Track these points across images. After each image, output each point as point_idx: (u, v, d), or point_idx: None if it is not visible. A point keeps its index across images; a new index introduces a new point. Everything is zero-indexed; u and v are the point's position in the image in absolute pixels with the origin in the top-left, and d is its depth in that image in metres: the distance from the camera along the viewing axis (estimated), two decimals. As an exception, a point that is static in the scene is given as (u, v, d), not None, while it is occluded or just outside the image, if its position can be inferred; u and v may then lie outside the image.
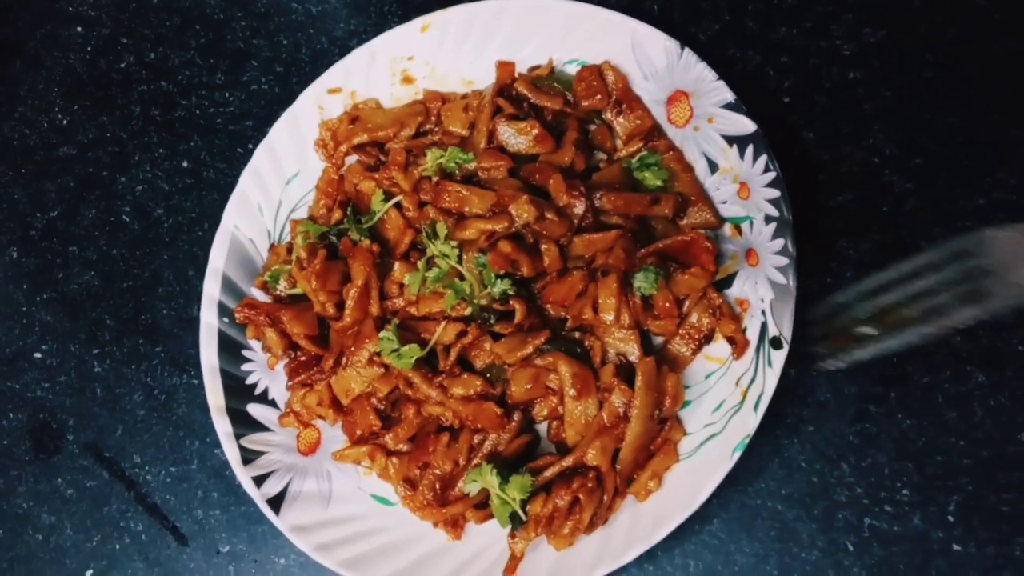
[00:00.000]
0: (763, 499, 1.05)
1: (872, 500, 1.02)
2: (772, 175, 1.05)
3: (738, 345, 1.03)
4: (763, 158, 1.05)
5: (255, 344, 1.21)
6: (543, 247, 1.07)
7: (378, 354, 1.10)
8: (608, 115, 1.16)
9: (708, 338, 1.07)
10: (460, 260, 1.08)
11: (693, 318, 1.07)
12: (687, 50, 1.11)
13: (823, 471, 1.04)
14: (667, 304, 1.05)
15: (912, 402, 1.03)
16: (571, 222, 1.07)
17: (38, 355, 1.36)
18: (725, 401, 1.03)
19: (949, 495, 1.00)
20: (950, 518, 1.00)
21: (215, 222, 1.23)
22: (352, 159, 1.25)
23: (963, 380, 1.02)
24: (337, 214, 1.20)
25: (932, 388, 1.03)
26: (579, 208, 1.06)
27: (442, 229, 1.08)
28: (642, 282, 1.05)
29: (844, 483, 1.03)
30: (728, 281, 1.08)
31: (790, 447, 1.05)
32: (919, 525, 1.00)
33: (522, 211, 1.05)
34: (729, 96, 1.08)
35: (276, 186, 1.25)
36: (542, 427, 1.12)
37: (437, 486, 1.08)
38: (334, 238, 1.18)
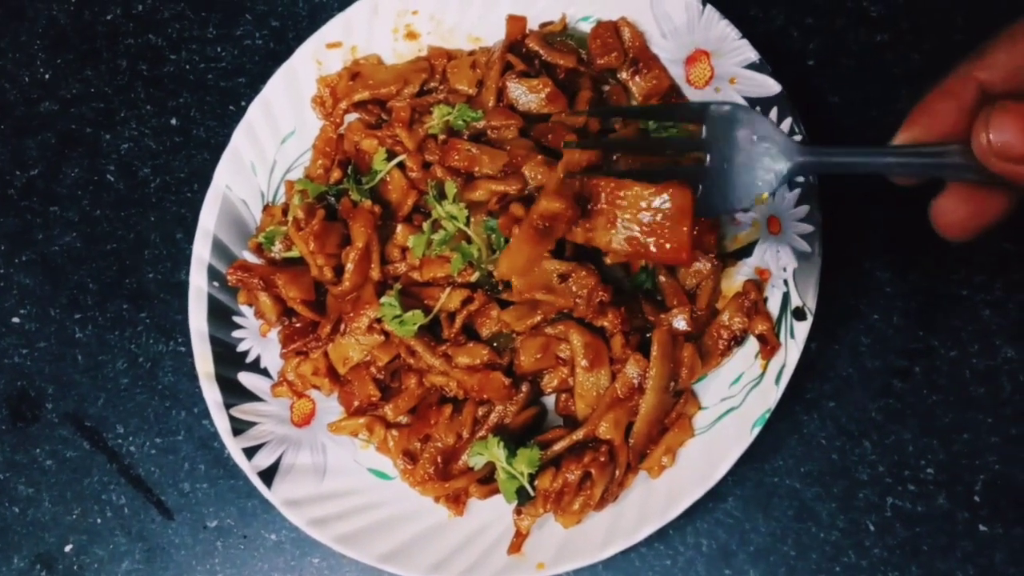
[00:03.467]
0: (780, 477, 1.01)
1: (895, 479, 0.98)
2: (797, 139, 1.00)
3: (768, 346, 0.98)
4: (788, 120, 1.01)
5: (247, 310, 1.15)
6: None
7: (378, 321, 1.04)
8: (624, 74, 1.10)
9: (740, 339, 1.01)
10: (468, 223, 1.02)
11: (724, 316, 1.01)
12: (709, 7, 1.06)
13: (844, 448, 1.00)
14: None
15: (938, 377, 0.99)
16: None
17: (16, 320, 1.29)
18: (744, 374, 0.99)
19: (975, 474, 0.96)
20: (976, 498, 0.96)
21: (205, 183, 1.16)
22: (352, 117, 1.19)
23: (991, 354, 0.99)
24: (336, 174, 1.14)
25: (959, 363, 0.99)
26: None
27: (451, 188, 1.02)
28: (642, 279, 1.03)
29: (866, 461, 0.99)
30: (748, 250, 1.04)
31: (810, 423, 1.01)
32: (944, 504, 0.96)
33: (536, 172, 0.99)
34: (753, 55, 1.03)
35: (271, 144, 1.19)
36: (549, 400, 1.07)
37: (438, 460, 1.03)
38: (333, 199, 1.12)
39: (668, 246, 0.87)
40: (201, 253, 1.14)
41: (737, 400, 0.98)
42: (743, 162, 0.81)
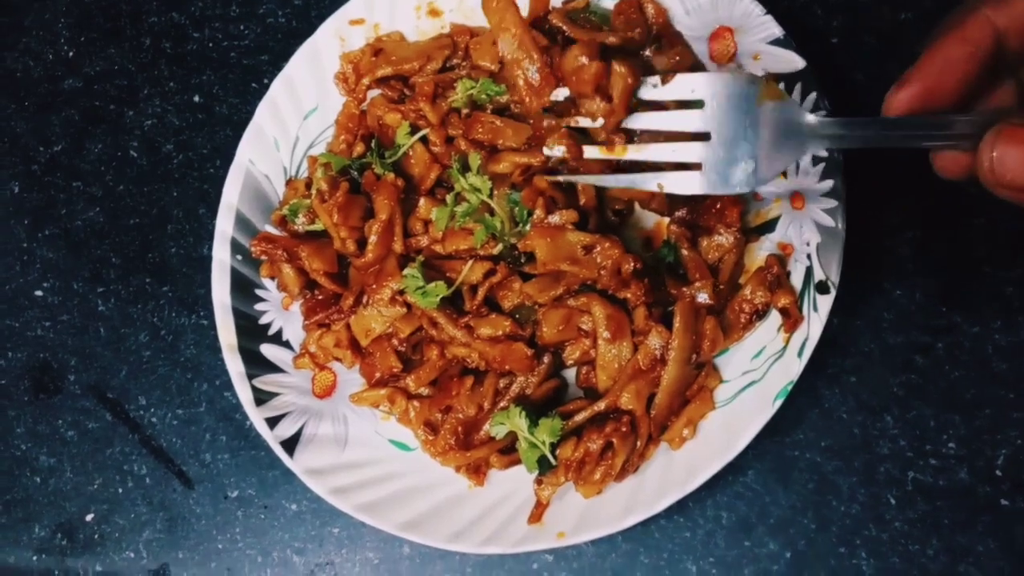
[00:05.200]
0: (801, 450, 1.01)
1: (916, 453, 0.98)
2: (822, 114, 1.00)
3: (791, 319, 0.98)
4: (812, 96, 1.01)
5: (269, 283, 1.16)
6: (579, 186, 1.02)
7: (401, 292, 1.05)
8: (647, 51, 1.10)
9: (762, 313, 1.00)
10: (491, 195, 1.03)
11: (747, 290, 1.01)
12: (733, -17, 1.06)
13: (865, 423, 1.00)
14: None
15: (960, 353, 0.99)
16: (609, 159, 1.02)
17: (39, 293, 1.30)
18: (766, 348, 0.99)
19: (997, 449, 0.96)
20: (998, 472, 0.96)
21: (227, 159, 1.17)
22: (374, 93, 1.19)
23: (1014, 330, 0.99)
24: (359, 148, 1.15)
25: (981, 338, 0.99)
26: (618, 145, 1.01)
27: (475, 160, 1.03)
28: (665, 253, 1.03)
29: (887, 435, 0.99)
30: (771, 225, 1.04)
31: (831, 398, 1.02)
32: (965, 479, 0.96)
33: (560, 145, 1.00)
34: (777, 31, 1.04)
35: (294, 120, 1.19)
36: (569, 374, 1.07)
37: (459, 430, 1.04)
38: (355, 173, 1.13)
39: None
40: (224, 227, 1.15)
41: (759, 373, 0.98)
42: (751, 143, 0.81)
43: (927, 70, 0.70)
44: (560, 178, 0.99)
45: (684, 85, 0.88)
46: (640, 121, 0.92)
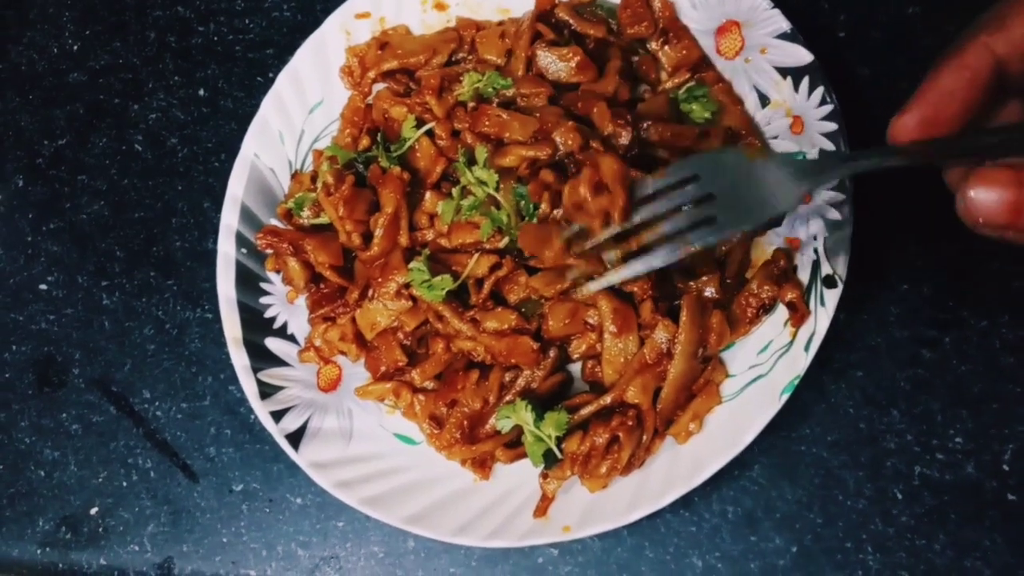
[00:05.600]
0: (807, 445, 1.01)
1: (923, 448, 0.98)
2: (829, 108, 1.00)
3: (798, 313, 0.97)
4: (819, 90, 1.01)
5: (274, 277, 1.16)
6: (586, 179, 1.02)
7: (407, 286, 1.05)
8: (653, 45, 1.11)
9: (768, 307, 1.00)
10: (497, 188, 1.02)
11: (753, 285, 1.01)
12: (740, -23, 1.06)
13: (872, 417, 1.00)
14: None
15: (967, 347, 0.99)
16: (616, 153, 1.01)
17: (43, 286, 1.30)
18: (773, 342, 0.99)
19: (1004, 443, 0.96)
20: (1005, 467, 0.96)
21: (232, 153, 1.17)
22: (379, 87, 1.19)
23: (1022, 325, 0.98)
24: (364, 142, 1.15)
25: (988, 333, 0.99)
26: (625, 138, 1.01)
27: (481, 153, 1.02)
28: None
29: (894, 430, 0.99)
30: (778, 220, 1.03)
31: (837, 392, 1.01)
32: (972, 474, 0.96)
33: (567, 138, 0.99)
34: (785, 25, 1.03)
35: (299, 114, 1.19)
36: (575, 367, 1.07)
37: (465, 424, 1.03)
38: (361, 166, 1.13)
39: None
40: (229, 220, 1.15)
41: (765, 368, 0.98)
42: (751, 197, 0.82)
43: (927, 98, 0.71)
44: (592, 286, 0.96)
45: (676, 170, 0.88)
46: (645, 212, 0.90)
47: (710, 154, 0.88)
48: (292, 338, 1.14)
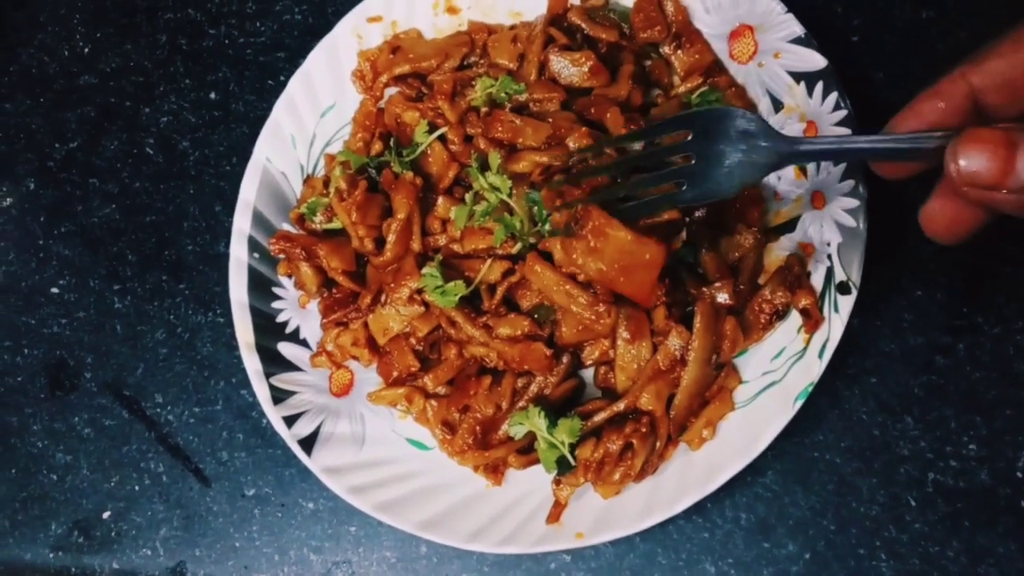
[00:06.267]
0: (820, 451, 1.01)
1: (937, 454, 0.97)
2: (843, 113, 1.00)
3: (812, 320, 0.97)
4: (833, 95, 1.00)
5: (286, 282, 1.16)
6: (598, 184, 1.01)
7: (419, 291, 1.05)
8: (666, 49, 1.10)
9: (782, 313, 1.00)
10: (510, 194, 1.02)
11: (767, 291, 1.00)
12: (753, -19, 1.05)
13: (885, 424, 1.00)
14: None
15: (982, 353, 0.99)
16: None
17: (55, 290, 1.30)
18: (786, 348, 0.99)
19: (1018, 450, 0.96)
20: (1019, 474, 0.96)
21: (243, 156, 1.17)
22: (392, 91, 1.19)
23: (1036, 331, 0.98)
24: (376, 147, 1.15)
25: (1002, 339, 0.99)
26: (638, 144, 1.01)
27: (495, 159, 1.02)
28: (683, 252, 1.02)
29: (907, 436, 0.99)
30: (791, 225, 1.03)
31: (851, 398, 1.01)
32: (986, 481, 0.96)
33: (581, 144, 0.99)
34: (799, 30, 1.03)
35: (311, 118, 1.19)
36: (587, 373, 1.07)
37: (477, 430, 1.04)
38: (373, 171, 1.13)
39: (634, 288, 0.93)
40: (241, 225, 1.15)
41: (779, 374, 0.98)
42: (729, 157, 0.86)
43: (902, 126, 0.77)
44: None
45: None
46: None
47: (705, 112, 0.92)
48: (304, 343, 1.14)
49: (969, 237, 0.77)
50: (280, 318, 1.14)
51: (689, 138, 0.88)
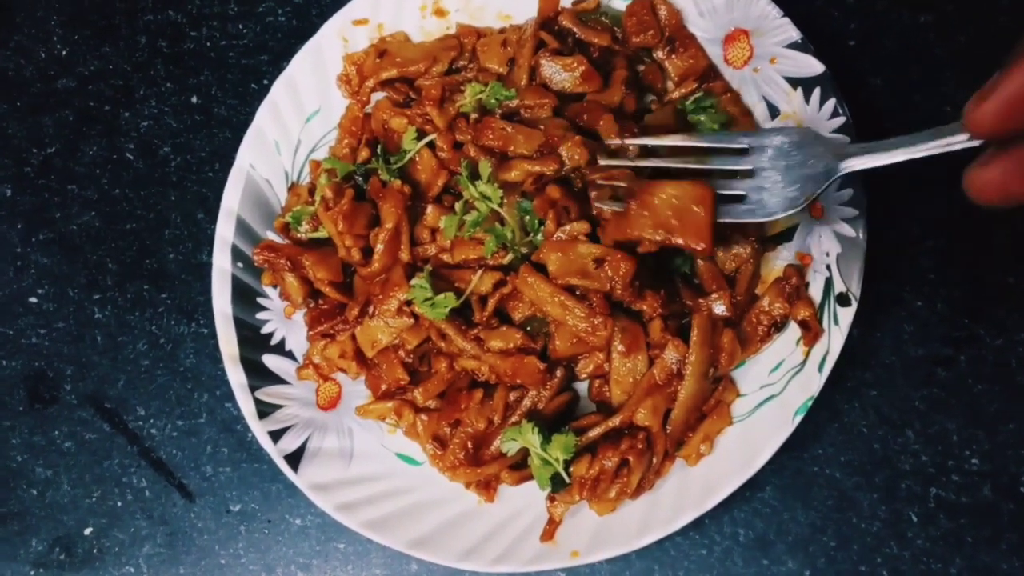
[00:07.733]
0: (820, 466, 0.99)
1: (939, 469, 0.96)
2: (841, 120, 0.98)
3: (811, 332, 0.95)
4: (831, 102, 0.98)
5: (271, 292, 1.13)
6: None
7: (408, 303, 1.02)
8: (659, 54, 1.08)
9: (780, 325, 0.98)
10: (501, 203, 1.00)
11: (765, 302, 0.98)
12: (749, -16, 1.03)
13: (886, 438, 0.98)
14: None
15: (983, 366, 0.97)
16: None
17: (33, 300, 1.27)
18: (785, 361, 0.97)
19: (1022, 464, 0.95)
20: (1022, 489, 0.94)
21: (226, 162, 1.14)
22: (378, 96, 1.16)
23: (1038, 343, 0.96)
24: (363, 154, 1.12)
25: (1004, 351, 0.97)
26: (632, 152, 0.99)
27: (485, 168, 1.00)
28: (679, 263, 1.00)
29: (909, 450, 0.97)
30: (788, 234, 1.01)
31: (851, 412, 0.99)
32: (989, 496, 0.94)
33: (574, 152, 0.97)
34: (795, 35, 1.01)
35: (295, 123, 1.16)
36: (580, 387, 1.05)
37: (469, 445, 1.01)
38: (360, 179, 1.10)
39: (690, 234, 0.89)
40: (225, 233, 1.12)
41: (778, 387, 0.96)
42: (786, 171, 0.85)
43: (1009, 83, 0.63)
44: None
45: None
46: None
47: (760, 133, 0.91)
48: (290, 355, 1.11)
49: (1018, 198, 0.66)
50: (265, 329, 1.11)
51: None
